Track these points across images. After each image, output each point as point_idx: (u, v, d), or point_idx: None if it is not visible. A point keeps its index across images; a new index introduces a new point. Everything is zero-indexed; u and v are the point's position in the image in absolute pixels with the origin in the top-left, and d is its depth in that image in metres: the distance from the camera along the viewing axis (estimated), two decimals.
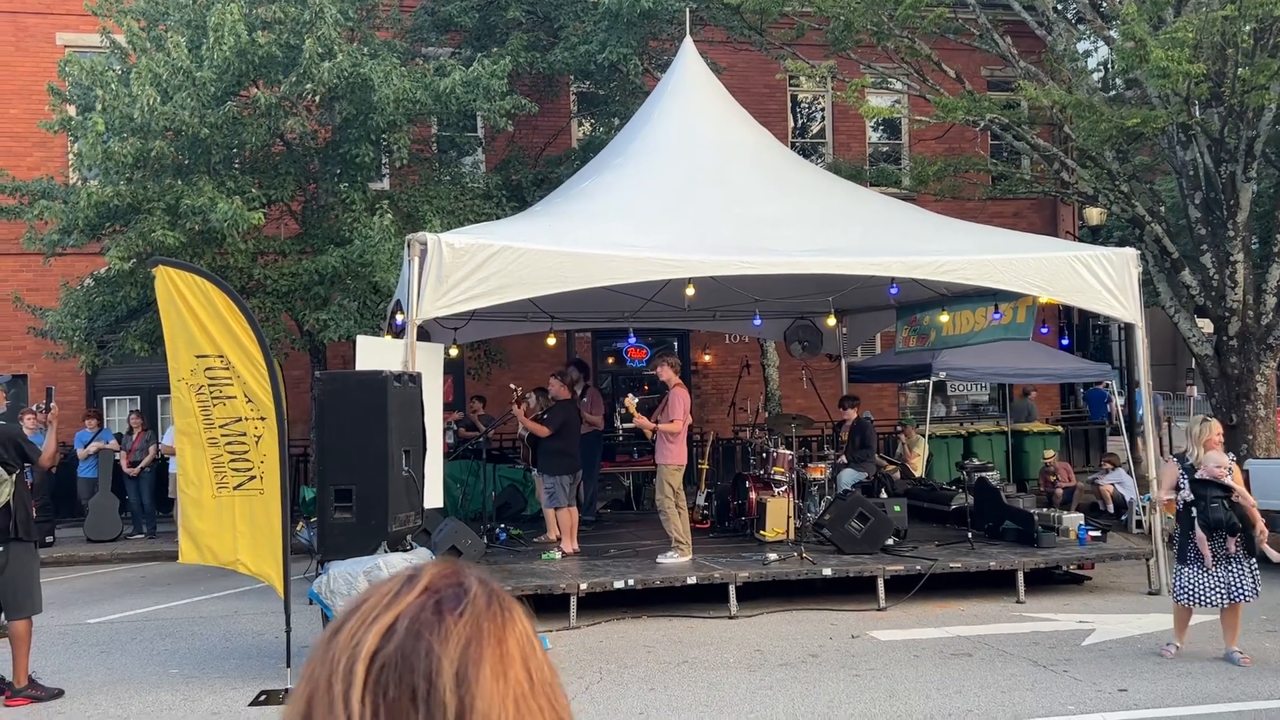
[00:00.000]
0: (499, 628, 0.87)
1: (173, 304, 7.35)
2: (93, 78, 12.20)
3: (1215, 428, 7.70)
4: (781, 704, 6.55)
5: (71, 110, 13.38)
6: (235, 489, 7.29)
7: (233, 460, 7.30)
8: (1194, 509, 7.38)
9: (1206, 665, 7.26)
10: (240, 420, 7.25)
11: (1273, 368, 13.39)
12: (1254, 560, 7.37)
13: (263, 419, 7.17)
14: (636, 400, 10.28)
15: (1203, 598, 7.32)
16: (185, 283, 7.30)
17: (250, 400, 7.22)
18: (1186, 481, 7.45)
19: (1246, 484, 10.86)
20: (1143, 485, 10.78)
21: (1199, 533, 7.30)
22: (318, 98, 12.90)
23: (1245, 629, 7.73)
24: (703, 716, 6.32)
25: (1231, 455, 7.81)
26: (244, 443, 7.25)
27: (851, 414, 12.61)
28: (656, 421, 10.04)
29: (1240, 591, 7.27)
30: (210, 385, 7.29)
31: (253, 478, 7.23)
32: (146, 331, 12.69)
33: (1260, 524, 7.38)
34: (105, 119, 11.75)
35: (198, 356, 7.29)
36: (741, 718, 6.30)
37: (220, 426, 7.29)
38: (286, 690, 7.05)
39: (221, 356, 7.23)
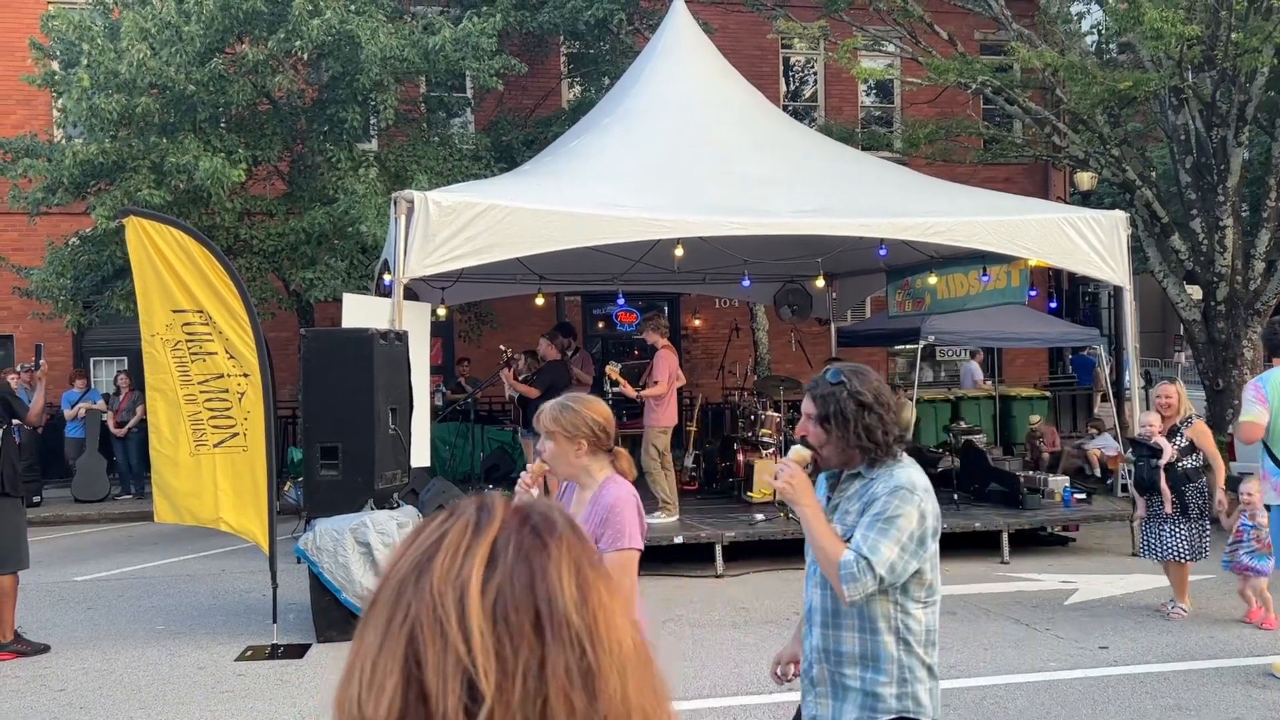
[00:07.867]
0: (592, 553, 0.87)
1: (146, 256, 7.13)
2: (78, 32, 12.05)
3: (1161, 390, 7.73)
4: (766, 659, 6.55)
5: (55, 66, 13.22)
6: (215, 446, 7.16)
7: (213, 418, 7.15)
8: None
9: (1187, 623, 7.32)
10: (222, 377, 7.11)
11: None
12: (1205, 522, 7.43)
13: (246, 376, 7.06)
14: (620, 366, 10.28)
15: (1151, 549, 7.51)
16: (160, 235, 7.08)
17: (232, 357, 7.07)
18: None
19: (1230, 448, 10.92)
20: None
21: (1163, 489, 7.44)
22: (305, 55, 12.76)
23: (1226, 587, 7.80)
24: (687, 672, 6.35)
25: (1196, 414, 7.80)
26: (226, 399, 7.12)
27: None
28: (643, 386, 10.05)
29: (1174, 551, 7.39)
30: (189, 341, 7.10)
31: (235, 435, 7.13)
32: (132, 291, 12.50)
33: (1218, 485, 7.40)
34: (90, 75, 11.61)
35: (174, 311, 7.11)
36: (726, 673, 6.34)
37: (199, 383, 7.12)
38: (273, 646, 7.08)
39: (201, 312, 7.05)
